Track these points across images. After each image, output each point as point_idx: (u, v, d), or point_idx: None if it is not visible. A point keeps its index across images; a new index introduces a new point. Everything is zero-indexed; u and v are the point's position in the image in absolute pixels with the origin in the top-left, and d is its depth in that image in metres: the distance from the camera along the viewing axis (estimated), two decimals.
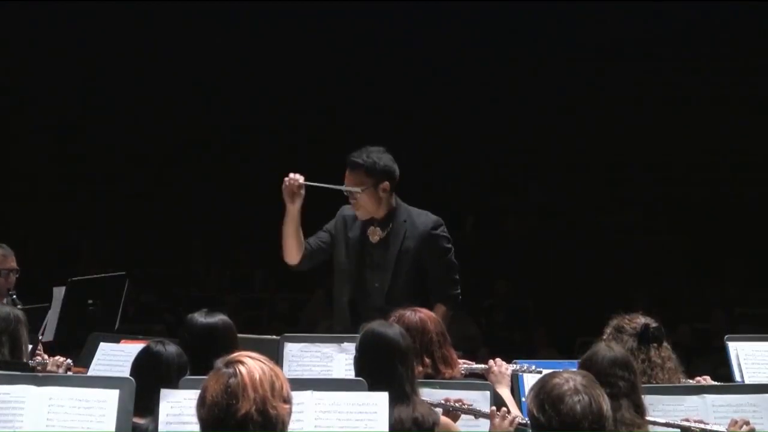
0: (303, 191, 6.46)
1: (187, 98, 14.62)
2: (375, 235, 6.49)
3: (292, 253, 6.58)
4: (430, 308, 5.95)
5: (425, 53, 14.65)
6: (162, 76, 14.72)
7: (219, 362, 3.53)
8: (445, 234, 6.51)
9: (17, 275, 6.99)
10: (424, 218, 6.49)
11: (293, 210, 6.49)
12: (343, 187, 6.46)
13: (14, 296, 6.88)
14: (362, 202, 6.42)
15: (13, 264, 6.98)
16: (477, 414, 4.88)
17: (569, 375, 3.69)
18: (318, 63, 14.67)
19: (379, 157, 6.49)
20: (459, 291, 6.51)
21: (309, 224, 6.59)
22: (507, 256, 13.23)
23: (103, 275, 7.71)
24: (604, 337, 5.16)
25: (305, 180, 6.46)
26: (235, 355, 3.55)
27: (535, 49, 14.55)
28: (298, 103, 14.73)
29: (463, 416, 4.90)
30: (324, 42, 14.82)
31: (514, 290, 12.96)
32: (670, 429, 4.66)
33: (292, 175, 6.48)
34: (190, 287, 13.85)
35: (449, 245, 6.52)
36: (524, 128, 14.24)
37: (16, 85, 14.68)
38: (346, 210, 6.59)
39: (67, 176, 14.81)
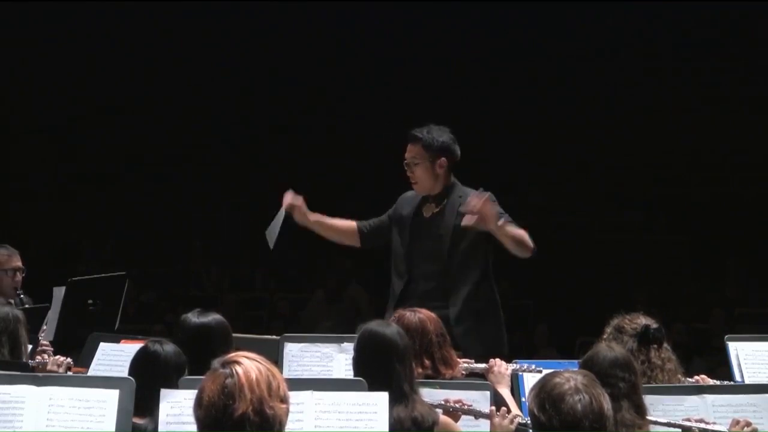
0: (300, 201, 6.69)
1: (187, 98, 14.62)
2: (429, 210, 6.55)
3: (347, 241, 6.81)
4: (485, 280, 6.24)
5: (425, 53, 14.65)
6: (162, 76, 14.72)
7: (216, 362, 3.52)
8: (495, 203, 6.57)
9: (23, 274, 7.01)
10: (474, 192, 6.58)
11: (303, 220, 6.75)
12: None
13: (22, 296, 6.91)
14: (418, 176, 6.52)
15: (19, 263, 7.01)
16: (477, 414, 4.88)
17: (570, 374, 3.70)
18: (318, 63, 14.68)
19: (440, 134, 6.62)
20: None
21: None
22: (507, 256, 13.22)
23: (103, 275, 7.71)
24: (604, 337, 5.16)
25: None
26: (232, 355, 3.55)
27: (535, 49, 14.55)
28: (298, 103, 14.73)
29: (463, 416, 4.89)
30: (324, 43, 14.83)
31: (514, 290, 12.96)
32: (671, 429, 4.66)
33: (284, 202, 6.65)
34: (190, 287, 13.86)
35: (500, 209, 6.57)
36: (524, 128, 14.24)
37: (16, 85, 14.68)
38: (405, 195, 6.70)
39: (67, 176, 14.81)
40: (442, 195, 6.56)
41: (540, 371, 5.43)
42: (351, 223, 6.79)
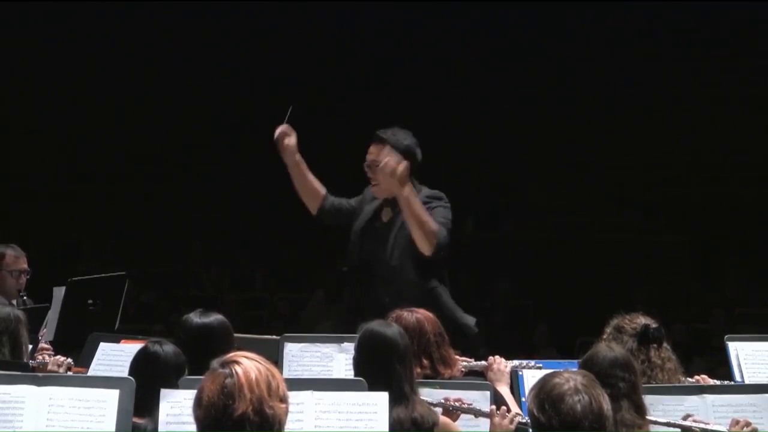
0: (292, 140, 6.77)
1: (187, 98, 14.62)
2: (387, 215, 6.53)
3: (307, 200, 6.77)
4: (430, 288, 6.11)
5: (425, 53, 14.65)
6: (162, 76, 14.72)
7: (215, 362, 3.52)
8: (437, 201, 6.48)
9: (28, 276, 7.02)
10: (425, 191, 6.53)
11: (288, 159, 6.83)
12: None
13: (25, 297, 6.92)
14: (380, 179, 6.44)
15: (24, 265, 7.03)
16: (477, 413, 4.88)
17: (569, 375, 3.70)
18: (318, 63, 14.67)
19: (405, 136, 6.58)
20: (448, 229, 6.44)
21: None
22: (507, 256, 13.24)
23: (103, 275, 7.71)
24: (604, 337, 5.16)
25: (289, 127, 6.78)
26: (231, 355, 3.55)
27: (535, 49, 14.55)
28: (298, 104, 14.71)
29: (463, 416, 4.89)
30: (324, 43, 14.83)
31: (514, 290, 12.97)
32: (671, 429, 4.66)
33: (276, 132, 6.60)
34: (190, 287, 13.86)
35: (442, 208, 6.47)
36: (524, 128, 14.24)
37: (16, 85, 14.68)
38: (369, 188, 6.65)
39: (67, 176, 14.81)
40: (395, 199, 6.45)
41: (540, 368, 5.44)
42: (321, 188, 6.74)
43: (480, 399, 4.97)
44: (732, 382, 5.56)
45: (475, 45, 14.62)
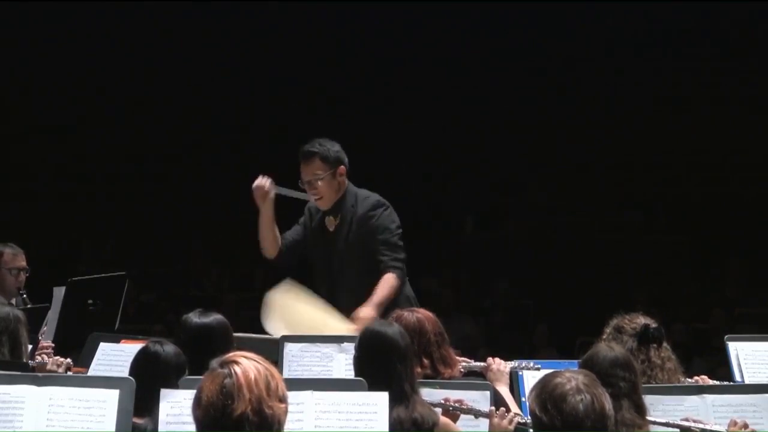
0: (272, 194, 6.72)
1: (187, 98, 14.62)
2: (331, 224, 6.63)
3: (269, 248, 6.93)
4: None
5: (425, 53, 14.65)
6: (162, 76, 14.72)
7: (214, 362, 3.52)
8: (382, 214, 6.57)
9: (27, 274, 7.03)
10: (365, 201, 6.65)
11: (265, 210, 6.79)
12: (306, 195, 6.65)
13: (24, 295, 6.92)
14: (322, 191, 6.62)
15: (23, 263, 7.05)
16: (477, 413, 4.88)
17: (571, 374, 3.70)
18: (318, 63, 14.67)
19: (331, 144, 6.71)
20: (402, 257, 6.53)
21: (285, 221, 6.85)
22: (507, 256, 13.24)
23: (103, 275, 7.71)
24: (604, 337, 5.16)
25: (273, 184, 6.72)
26: (230, 355, 3.55)
27: (535, 49, 14.55)
28: (298, 103, 14.73)
29: (462, 416, 4.89)
30: (324, 43, 14.82)
31: (514, 290, 12.96)
32: (671, 429, 4.65)
33: (259, 180, 6.66)
34: (190, 287, 13.85)
35: (386, 224, 6.55)
36: (524, 128, 14.24)
37: (16, 85, 14.67)
38: (310, 205, 6.81)
39: (67, 176, 14.81)
40: (338, 206, 6.63)
41: (538, 368, 5.44)
42: (278, 237, 6.87)
43: (480, 399, 4.97)
44: (732, 382, 5.56)
45: (475, 45, 14.62)
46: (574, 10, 14.35)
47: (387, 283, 6.41)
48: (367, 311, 6.28)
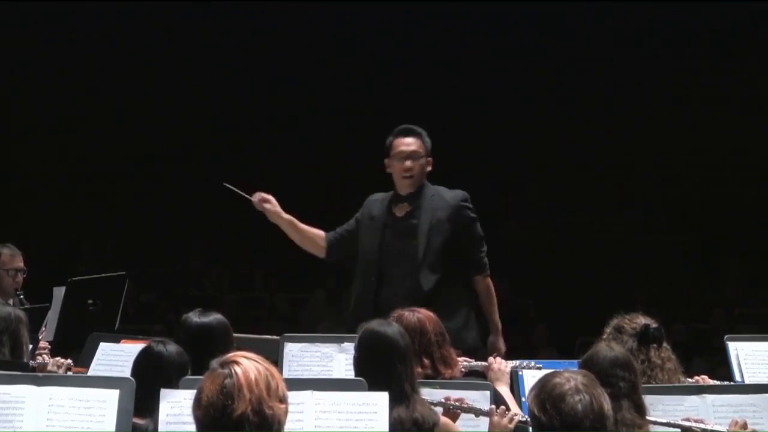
0: (273, 204, 6.82)
1: (187, 98, 14.61)
2: (402, 210, 6.58)
3: (312, 251, 6.87)
4: (463, 281, 6.32)
5: (425, 53, 14.65)
6: (162, 75, 14.72)
7: (214, 362, 3.53)
8: (471, 206, 6.68)
9: (24, 275, 7.03)
10: (452, 193, 6.69)
11: (278, 221, 6.79)
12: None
13: (22, 296, 6.91)
14: (415, 171, 6.65)
15: (20, 264, 7.03)
16: (477, 412, 4.88)
17: (570, 374, 3.70)
18: (318, 63, 14.67)
19: (426, 135, 6.82)
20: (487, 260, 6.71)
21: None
22: (507, 256, 13.23)
23: (103, 275, 7.71)
24: (604, 337, 5.16)
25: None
26: (231, 355, 3.55)
27: (535, 49, 14.55)
28: (298, 103, 14.73)
29: (463, 415, 4.89)
30: (324, 42, 14.82)
31: (514, 290, 12.96)
32: (671, 429, 4.66)
33: (254, 200, 6.81)
34: (190, 287, 13.85)
35: (475, 216, 6.68)
36: (524, 128, 14.24)
37: (16, 85, 14.67)
38: (373, 196, 6.77)
39: (67, 176, 14.81)
40: (415, 195, 6.62)
41: (539, 367, 5.44)
42: (319, 232, 6.83)
43: (480, 399, 4.97)
44: (732, 382, 5.56)
45: (475, 45, 14.62)
46: (574, 10, 14.35)
47: (490, 290, 6.62)
48: (499, 342, 6.43)
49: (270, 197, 6.81)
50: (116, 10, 14.62)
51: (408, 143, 6.65)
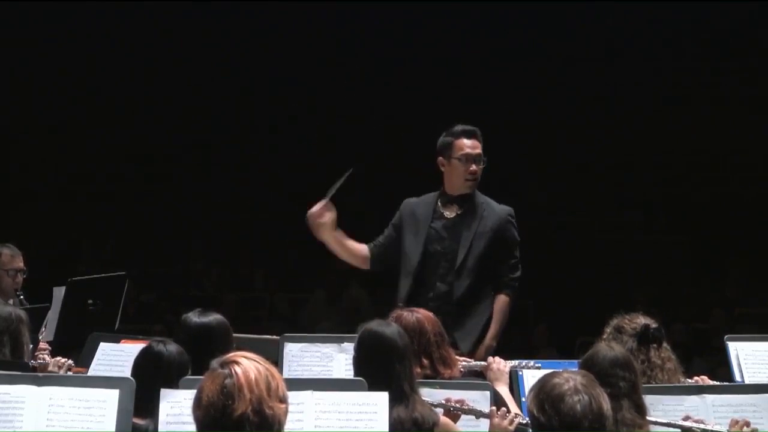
0: (326, 218, 6.57)
1: (187, 98, 14.61)
2: (452, 211, 6.56)
3: (358, 264, 6.82)
4: (488, 294, 6.22)
5: (425, 53, 14.65)
6: (162, 76, 14.72)
7: (214, 362, 3.52)
8: (516, 225, 6.73)
9: (24, 275, 7.02)
10: (501, 206, 6.76)
11: (325, 239, 6.68)
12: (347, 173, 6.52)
13: (21, 296, 6.91)
14: (479, 172, 6.76)
15: (21, 264, 7.03)
16: (477, 414, 4.88)
17: (569, 375, 3.70)
18: (318, 63, 14.67)
19: None
20: (519, 275, 6.79)
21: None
22: None
23: (103, 275, 7.71)
24: (604, 337, 5.16)
25: (327, 196, 6.61)
26: (231, 355, 3.55)
27: (535, 49, 14.55)
28: (298, 104, 14.73)
29: (463, 416, 4.89)
30: (325, 42, 14.82)
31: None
32: (671, 429, 4.66)
33: (311, 211, 6.54)
34: (190, 287, 13.85)
35: (518, 238, 6.71)
36: (524, 128, 14.24)
37: (16, 85, 14.67)
38: (411, 199, 6.74)
39: (67, 176, 14.81)
40: (466, 197, 6.63)
41: (539, 368, 5.44)
42: (363, 247, 6.76)
43: (480, 399, 4.97)
44: (732, 382, 5.56)
45: (475, 45, 14.62)
46: (574, 10, 14.35)
47: (504, 309, 6.51)
48: (490, 343, 6.34)
49: (325, 212, 6.62)
50: (116, 10, 14.63)
51: (474, 146, 6.72)
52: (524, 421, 4.77)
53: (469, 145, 6.63)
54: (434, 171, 6.97)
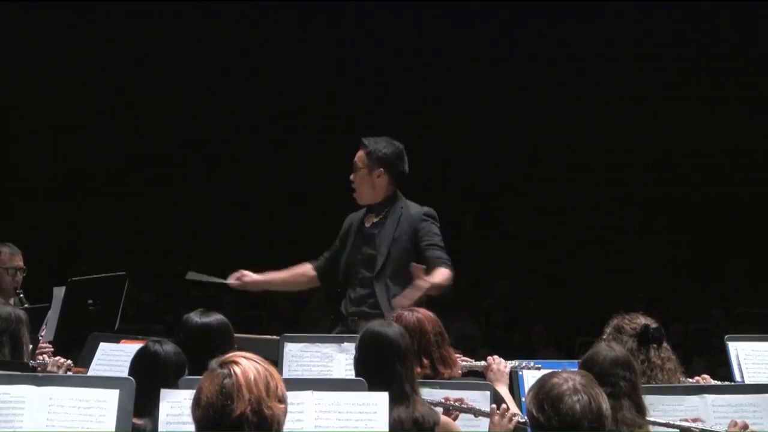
0: (252, 277, 6.76)
1: (187, 98, 14.62)
2: (369, 220, 6.62)
3: (309, 284, 6.94)
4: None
5: (426, 53, 14.65)
6: (162, 76, 14.73)
7: (214, 363, 3.52)
8: (434, 221, 6.57)
9: (24, 274, 7.02)
10: (419, 207, 6.63)
11: (261, 287, 6.96)
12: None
13: (21, 295, 6.91)
14: (356, 183, 6.64)
15: (20, 263, 7.02)
16: (477, 413, 4.87)
17: (568, 375, 3.70)
18: (319, 64, 14.68)
19: (386, 146, 6.64)
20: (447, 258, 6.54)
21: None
22: (507, 256, 13.23)
23: (103, 275, 7.70)
24: (604, 337, 5.16)
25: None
26: (230, 355, 3.54)
27: (536, 49, 14.56)
28: (298, 104, 14.73)
29: (462, 415, 4.89)
30: (325, 43, 14.83)
31: (514, 290, 12.96)
32: (671, 429, 4.65)
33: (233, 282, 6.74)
34: (190, 287, 13.84)
35: (437, 230, 6.55)
36: (524, 128, 14.25)
37: (16, 85, 14.68)
38: (351, 214, 6.78)
39: (67, 176, 14.81)
40: (382, 205, 6.59)
41: (539, 368, 5.43)
42: (305, 267, 6.83)
43: (480, 399, 4.96)
44: (732, 382, 5.56)
45: (475, 45, 14.62)
46: (574, 10, 14.36)
47: (443, 272, 6.32)
48: (421, 284, 6.15)
49: (244, 272, 6.78)
50: (116, 10, 14.64)
51: (357, 155, 6.65)
52: (523, 420, 4.77)
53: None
54: (435, 171, 6.97)
